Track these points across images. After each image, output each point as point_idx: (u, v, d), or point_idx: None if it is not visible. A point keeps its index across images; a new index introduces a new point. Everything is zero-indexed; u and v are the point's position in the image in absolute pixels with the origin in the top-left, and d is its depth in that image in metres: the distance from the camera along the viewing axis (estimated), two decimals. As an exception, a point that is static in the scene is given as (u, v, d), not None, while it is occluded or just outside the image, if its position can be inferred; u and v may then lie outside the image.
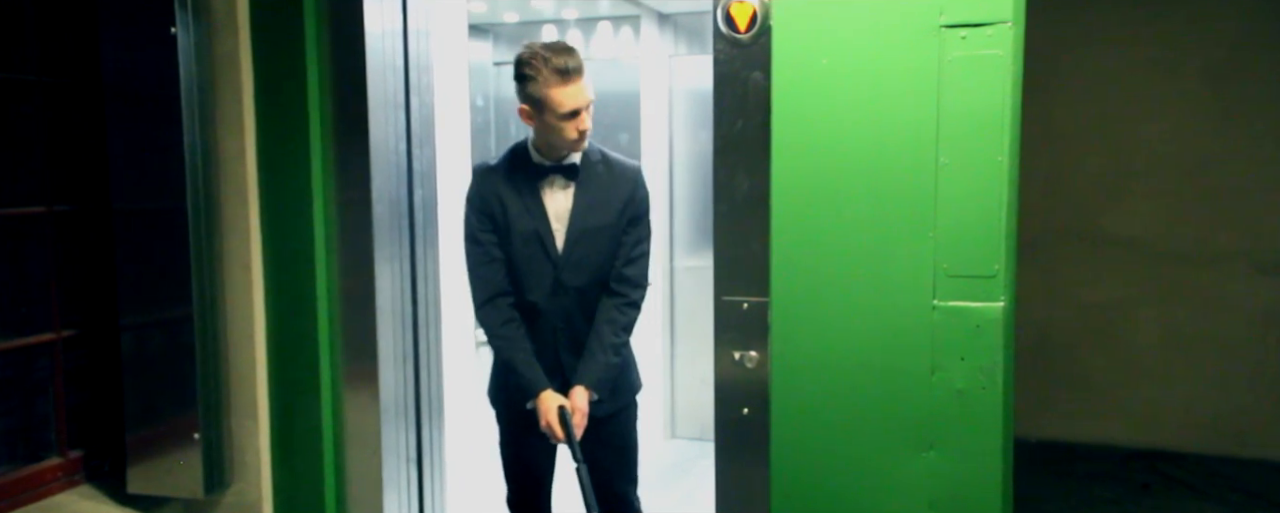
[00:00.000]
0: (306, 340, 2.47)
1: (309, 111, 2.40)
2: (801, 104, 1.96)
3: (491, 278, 2.12)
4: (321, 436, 2.49)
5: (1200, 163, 4.16)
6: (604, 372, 2.12)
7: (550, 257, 2.11)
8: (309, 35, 2.38)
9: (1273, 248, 4.12)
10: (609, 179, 2.13)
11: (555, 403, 2.07)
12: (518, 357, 2.10)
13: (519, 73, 2.01)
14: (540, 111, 2.01)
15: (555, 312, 2.13)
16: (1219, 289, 4.20)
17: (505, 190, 2.10)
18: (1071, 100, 4.20)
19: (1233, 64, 4.07)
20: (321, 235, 2.46)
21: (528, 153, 2.13)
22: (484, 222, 2.12)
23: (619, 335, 2.13)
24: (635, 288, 2.16)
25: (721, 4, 2.00)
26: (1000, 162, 1.86)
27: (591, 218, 2.10)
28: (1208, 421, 4.27)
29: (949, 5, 1.85)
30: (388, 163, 2.48)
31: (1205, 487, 3.91)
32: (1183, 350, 4.28)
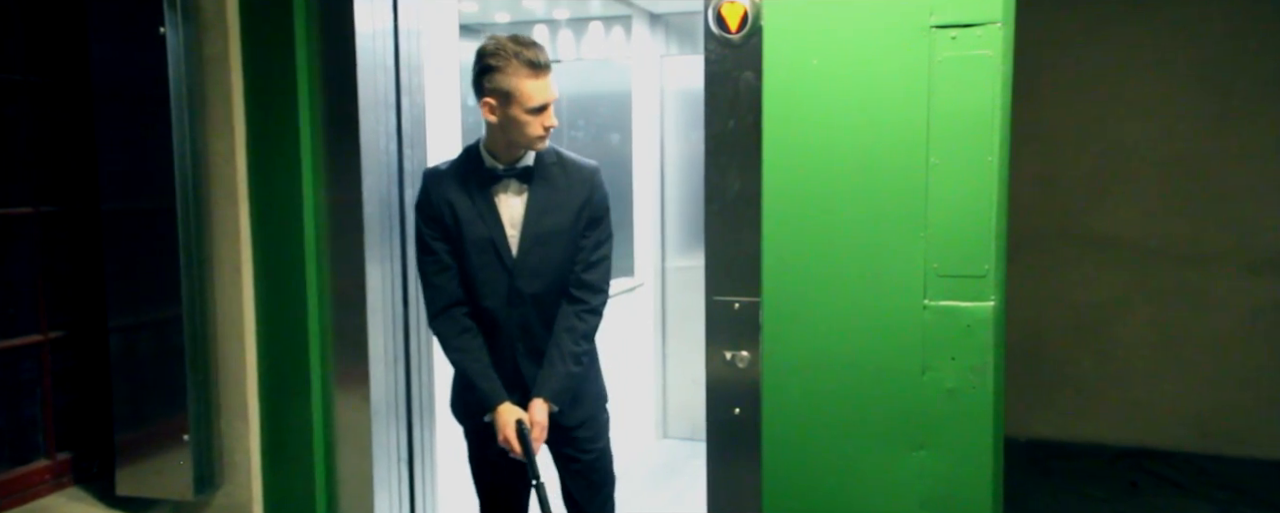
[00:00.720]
0: (297, 341, 2.46)
1: (299, 112, 2.40)
2: (793, 104, 1.97)
3: (444, 287, 2.05)
4: (312, 436, 2.48)
5: (1190, 163, 4.19)
6: (564, 382, 2.05)
7: (504, 263, 2.04)
8: (299, 35, 2.37)
9: (1262, 247, 4.15)
10: (565, 181, 2.06)
11: (513, 417, 2.01)
12: (474, 368, 2.04)
13: (483, 64, 1.94)
14: (505, 104, 1.94)
15: (512, 321, 2.06)
16: (1208, 289, 4.22)
17: (456, 195, 2.03)
18: (1061, 101, 4.22)
19: (1222, 64, 4.10)
20: (312, 236, 2.45)
21: (480, 156, 2.05)
22: (434, 229, 2.05)
23: (579, 344, 2.06)
24: (595, 294, 2.09)
25: (712, 4, 2.00)
26: (990, 161, 1.86)
27: (546, 222, 2.03)
28: (1196, 419, 4.29)
29: (939, 6, 1.86)
30: (378, 163, 2.47)
31: (1193, 485, 3.94)
32: (1171, 350, 4.30)
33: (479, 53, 1.95)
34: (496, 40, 1.94)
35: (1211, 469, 4.08)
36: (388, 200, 2.52)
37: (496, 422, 2.03)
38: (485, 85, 1.95)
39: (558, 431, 2.09)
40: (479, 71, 1.95)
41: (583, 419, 2.14)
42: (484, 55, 1.94)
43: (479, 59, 1.95)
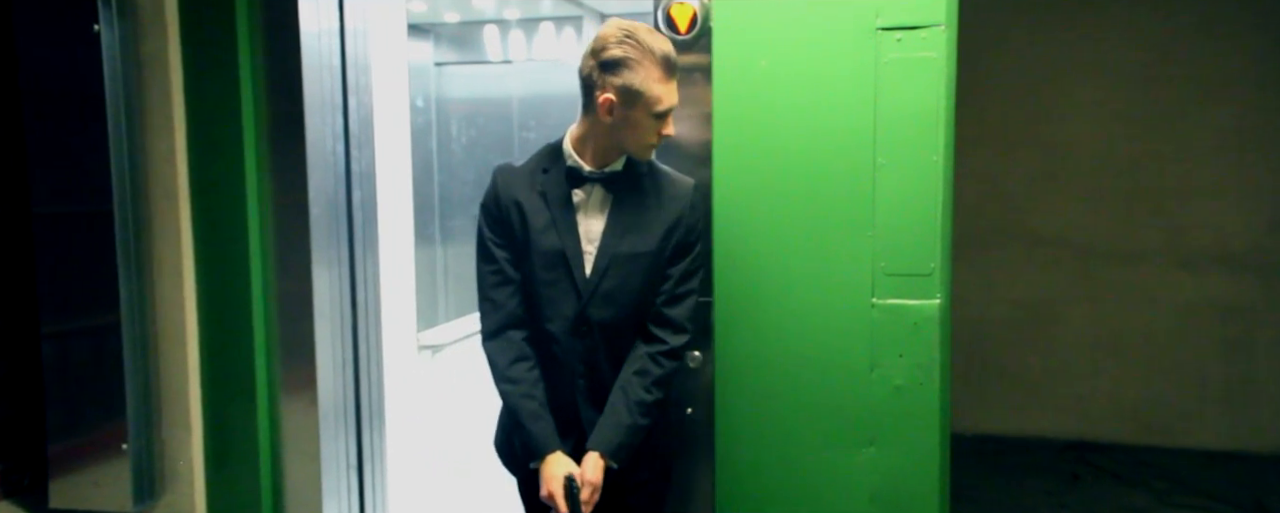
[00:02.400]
0: (241, 346, 2.41)
1: (242, 112, 2.34)
2: (742, 105, 1.98)
3: (504, 304, 1.77)
4: (258, 443, 2.43)
5: (1126, 163, 4.32)
6: (627, 437, 1.74)
7: (575, 284, 1.75)
8: (241, 34, 2.32)
9: (1193, 245, 4.29)
10: (656, 196, 1.77)
11: (562, 470, 1.71)
12: (525, 407, 1.74)
13: (611, 57, 1.66)
14: (629, 105, 1.68)
15: (575, 353, 1.78)
16: (1142, 285, 4.36)
17: (528, 197, 1.76)
18: (1004, 102, 4.32)
19: (1155, 67, 4.24)
20: (257, 238, 2.40)
21: (564, 154, 1.78)
22: (499, 233, 1.78)
23: (651, 392, 1.76)
24: (676, 333, 1.79)
25: (662, 5, 2.01)
26: (935, 162, 1.90)
27: (629, 241, 1.75)
28: (1133, 412, 4.43)
29: (885, 8, 1.89)
30: (325, 164, 2.43)
31: (1132, 476, 4.05)
32: (1109, 345, 4.43)
33: (603, 41, 1.68)
34: (625, 29, 1.68)
35: (1149, 460, 4.21)
36: (335, 202, 2.48)
37: (542, 473, 1.73)
38: (609, 80, 1.67)
39: (609, 491, 1.76)
40: (604, 64, 1.67)
41: (639, 483, 1.83)
42: (611, 46, 1.67)
43: (603, 49, 1.68)
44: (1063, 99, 4.33)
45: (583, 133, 1.77)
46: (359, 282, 2.56)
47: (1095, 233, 4.38)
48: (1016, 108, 4.36)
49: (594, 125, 1.74)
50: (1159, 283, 4.32)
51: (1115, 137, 4.31)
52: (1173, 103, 4.22)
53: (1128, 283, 4.36)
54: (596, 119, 1.72)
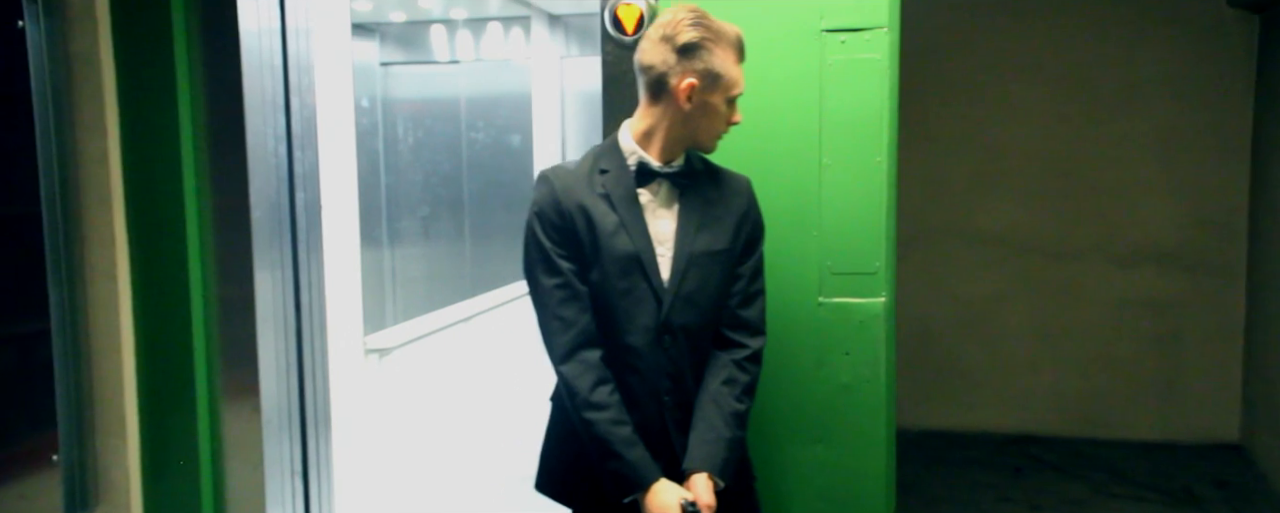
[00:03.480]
0: (180, 352, 2.34)
1: (179, 112, 2.28)
2: (689, 106, 1.98)
3: (575, 321, 1.61)
4: (197, 451, 2.37)
5: (1061, 163, 4.44)
6: (729, 451, 1.63)
7: (654, 289, 1.63)
8: (177, 32, 2.26)
9: (1126, 243, 4.44)
10: (717, 191, 1.70)
11: (675, 497, 1.57)
12: (618, 434, 1.58)
13: (690, 41, 1.58)
14: (709, 89, 1.60)
15: (660, 365, 1.64)
16: (1078, 281, 4.49)
17: (591, 200, 1.62)
18: (946, 104, 4.41)
19: (1088, 69, 4.37)
20: (195, 242, 2.34)
21: (622, 153, 1.67)
22: (562, 242, 1.62)
23: (742, 401, 1.66)
24: (755, 335, 1.71)
25: (609, 6, 2.00)
26: (879, 162, 1.93)
27: (702, 239, 1.65)
28: (1072, 405, 4.56)
29: (829, 10, 1.91)
30: (267, 166, 2.38)
31: (1071, 468, 4.17)
32: (1048, 340, 4.55)
33: (673, 27, 1.59)
34: (695, 13, 1.60)
35: (1087, 452, 4.34)
36: (277, 204, 2.43)
37: (650, 505, 1.57)
38: (690, 65, 1.58)
39: None
40: (683, 48, 1.58)
41: (736, 498, 1.69)
42: (686, 30, 1.58)
43: (676, 34, 1.59)
44: (1002, 101, 4.44)
45: (649, 126, 1.65)
46: (303, 285, 2.51)
47: (1034, 231, 4.50)
48: (958, 109, 4.46)
49: (665, 116, 1.63)
50: (1094, 280, 4.46)
51: (1051, 138, 4.43)
52: (1104, 105, 4.36)
53: (1065, 280, 4.49)
54: (670, 108, 1.62)
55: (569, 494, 1.75)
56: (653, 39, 1.62)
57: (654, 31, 1.62)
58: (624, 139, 1.68)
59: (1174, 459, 4.24)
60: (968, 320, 4.60)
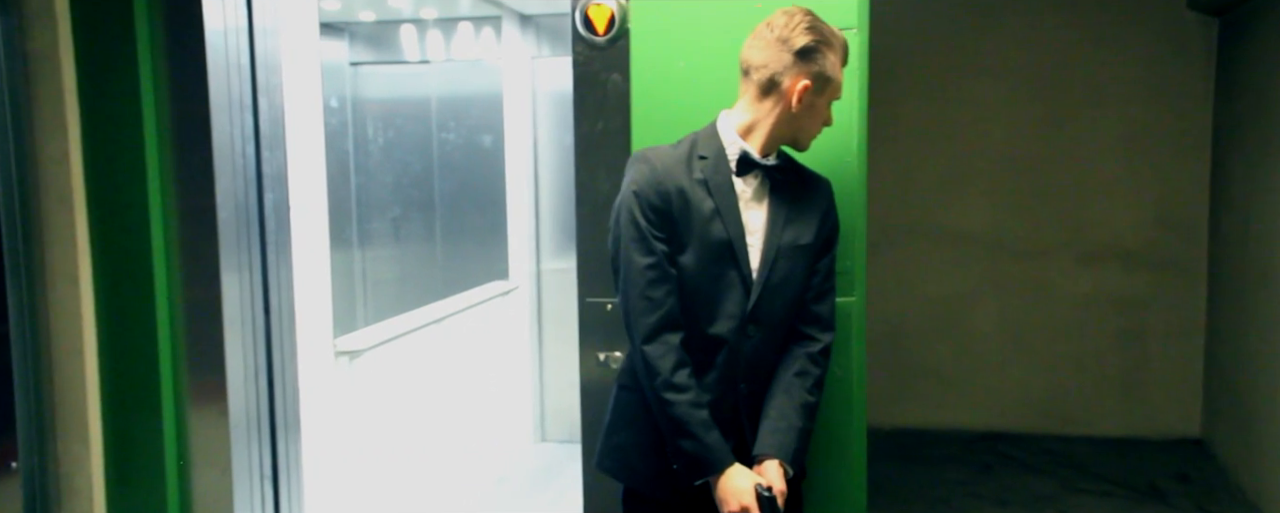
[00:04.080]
0: (144, 356, 2.31)
1: (142, 111, 2.25)
2: (660, 106, 1.99)
3: (663, 302, 1.63)
4: (163, 456, 2.33)
5: (1027, 163, 4.50)
6: (800, 441, 1.67)
7: (743, 277, 1.67)
8: (139, 31, 2.23)
9: (1091, 241, 4.51)
10: (802, 188, 1.74)
11: (749, 482, 1.60)
12: (696, 416, 1.61)
13: (808, 44, 1.63)
14: (819, 91, 1.65)
15: (743, 354, 1.68)
16: (1046, 280, 4.56)
17: (689, 184, 1.65)
18: (915, 105, 4.46)
19: (1053, 71, 4.44)
20: (160, 244, 2.31)
21: (722, 142, 1.70)
22: (659, 223, 1.63)
23: (813, 394, 1.70)
24: (825, 330, 1.75)
25: (579, 6, 2.00)
26: (851, 162, 1.94)
27: (790, 233, 1.69)
28: (1040, 403, 4.62)
29: (798, 12, 1.92)
30: (234, 166, 2.35)
31: (1039, 464, 4.23)
32: (1016, 338, 4.61)
33: (788, 29, 1.64)
34: (809, 17, 1.65)
35: (1054, 449, 4.40)
36: (245, 205, 2.40)
37: (721, 490, 1.61)
38: (807, 66, 1.63)
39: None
40: (801, 51, 1.63)
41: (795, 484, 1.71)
42: (801, 33, 1.63)
43: (791, 36, 1.63)
44: (970, 102, 4.49)
45: (752, 121, 1.69)
46: (271, 287, 2.49)
47: (1002, 230, 4.56)
48: (927, 110, 4.50)
49: (771, 113, 1.67)
50: (1061, 277, 4.53)
51: (1019, 138, 4.49)
52: (1070, 106, 4.43)
53: (1032, 278, 4.55)
54: (778, 107, 1.66)
55: (633, 474, 1.77)
56: (766, 39, 1.66)
57: (767, 31, 1.66)
58: (724, 129, 1.71)
59: (1138, 454, 4.31)
60: (938, 319, 4.65)
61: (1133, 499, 3.81)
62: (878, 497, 3.81)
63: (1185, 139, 4.34)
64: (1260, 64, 3.73)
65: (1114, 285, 4.48)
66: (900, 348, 4.64)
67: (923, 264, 4.62)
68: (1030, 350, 4.60)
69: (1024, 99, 4.46)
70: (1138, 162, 4.40)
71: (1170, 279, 4.43)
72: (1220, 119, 4.24)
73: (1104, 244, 4.48)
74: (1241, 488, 3.83)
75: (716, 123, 1.74)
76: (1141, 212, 4.44)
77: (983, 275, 4.60)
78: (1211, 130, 4.31)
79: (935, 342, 4.67)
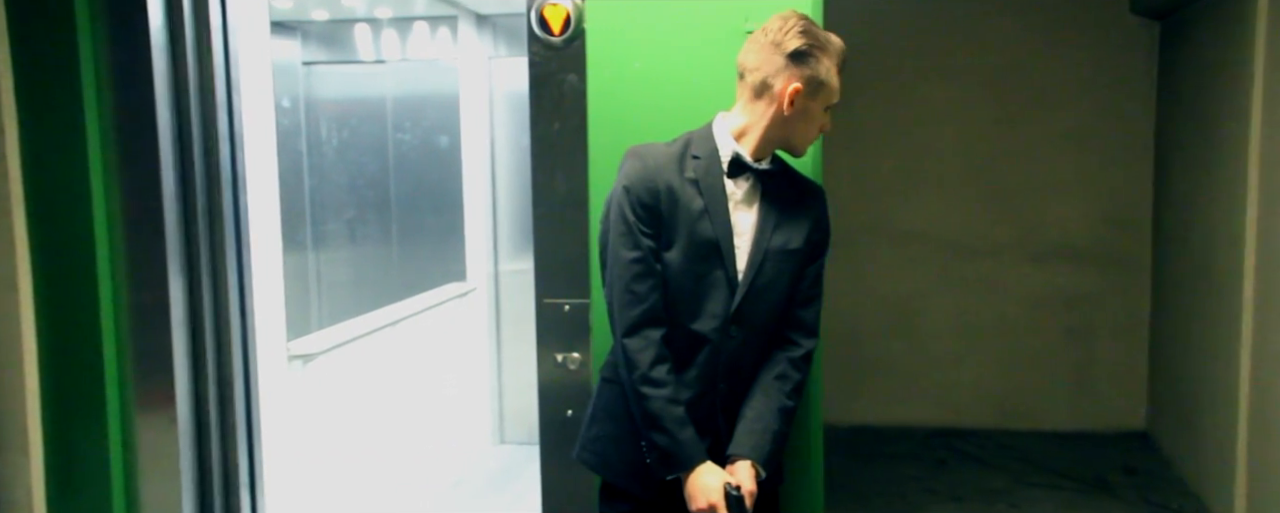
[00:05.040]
0: (89, 362, 2.25)
1: (84, 111, 2.19)
2: (616, 106, 1.99)
3: (647, 297, 1.64)
4: (109, 466, 2.27)
5: (979, 162, 4.59)
6: (775, 444, 1.68)
7: (729, 278, 1.68)
8: (81, 26, 2.16)
9: (1041, 240, 4.60)
10: (793, 193, 1.75)
11: (718, 480, 1.62)
12: (672, 412, 1.62)
13: (800, 48, 1.64)
14: (812, 95, 1.67)
15: (724, 354, 1.69)
16: (998, 277, 4.64)
17: (679, 182, 1.67)
18: (870, 105, 4.51)
19: (1006, 74, 4.52)
20: (104, 247, 2.25)
21: (715, 143, 1.71)
22: (647, 218, 1.65)
23: (792, 399, 1.72)
24: (808, 337, 1.77)
25: (535, 6, 2.00)
26: (806, 163, 1.96)
27: (779, 237, 1.71)
28: (993, 398, 4.71)
29: (752, 12, 1.94)
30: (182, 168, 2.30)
31: (993, 459, 4.31)
32: (969, 335, 4.69)
33: (782, 33, 1.65)
34: (803, 22, 1.67)
35: (1008, 443, 4.48)
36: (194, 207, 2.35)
37: (690, 487, 1.63)
38: (798, 71, 1.65)
39: None
40: (794, 54, 1.64)
41: (760, 498, 1.70)
42: (793, 37, 1.64)
43: (784, 39, 1.65)
44: (923, 103, 4.56)
45: (746, 124, 1.71)
46: (222, 290, 2.44)
47: (954, 229, 4.63)
48: (882, 111, 4.56)
49: (764, 116, 1.69)
50: (1012, 275, 4.61)
51: (971, 138, 4.57)
52: (1020, 107, 4.52)
53: (984, 275, 4.63)
54: (770, 110, 1.68)
55: (609, 467, 1.78)
56: (760, 42, 1.68)
57: (761, 35, 1.68)
58: (719, 131, 1.73)
59: (1086, 448, 4.41)
60: (893, 317, 4.71)
61: (1081, 492, 3.90)
62: (835, 494, 3.85)
63: (1129, 140, 4.46)
64: (1197, 67, 3.84)
65: (1063, 283, 4.58)
66: (856, 346, 4.69)
67: (878, 263, 4.68)
68: (983, 347, 4.68)
69: (976, 100, 4.54)
70: (1085, 161, 4.50)
71: (1116, 277, 4.54)
72: (1162, 120, 4.36)
73: (1054, 242, 4.57)
74: (1183, 479, 3.94)
75: (712, 123, 1.76)
76: (1089, 210, 4.54)
77: (937, 274, 4.67)
78: (1154, 131, 4.43)
79: (891, 340, 4.73)
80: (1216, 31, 3.60)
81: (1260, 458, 3.17)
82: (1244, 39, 3.26)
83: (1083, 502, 3.80)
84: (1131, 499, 3.80)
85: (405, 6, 4.19)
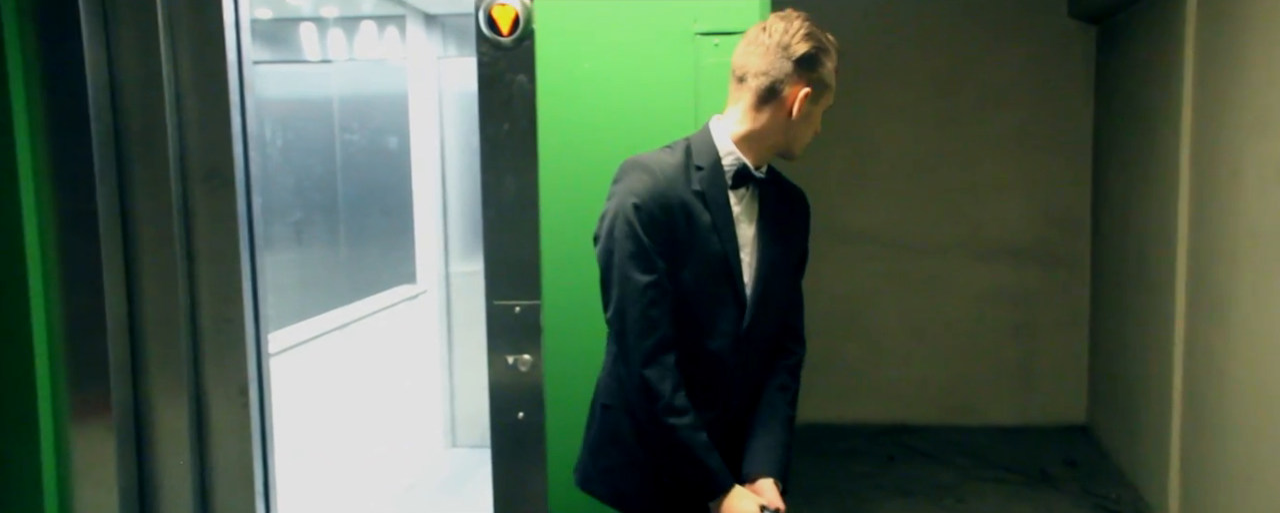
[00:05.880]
0: (19, 370, 2.17)
1: (12, 107, 2.11)
2: (566, 107, 1.99)
3: (660, 323, 1.55)
4: (41, 476, 2.20)
5: (926, 164, 4.67)
6: (787, 455, 1.66)
7: (738, 295, 1.62)
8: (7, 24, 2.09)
9: (985, 238, 4.70)
10: (784, 201, 1.71)
11: (752, 504, 1.57)
12: (699, 439, 1.55)
13: (810, 52, 1.58)
14: (818, 99, 1.62)
15: (737, 372, 1.64)
16: (944, 276, 4.73)
17: (689, 196, 1.57)
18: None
19: (951, 77, 4.61)
20: (35, 250, 2.17)
21: (717, 152, 1.62)
22: (660, 237, 1.55)
23: (792, 407, 1.71)
24: (800, 344, 1.76)
25: (483, 6, 1.98)
26: (753, 163, 1.97)
27: (777, 248, 1.66)
28: (940, 395, 4.80)
29: (701, 14, 1.95)
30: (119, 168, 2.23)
31: (941, 454, 4.39)
32: (917, 333, 4.78)
33: (789, 35, 1.58)
34: (807, 23, 1.61)
35: (954, 439, 4.58)
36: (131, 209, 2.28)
37: (727, 510, 1.58)
38: (808, 74, 1.59)
39: None
40: (804, 58, 1.58)
41: None
42: (801, 39, 1.58)
43: (792, 43, 1.58)
44: (871, 103, 4.63)
45: (749, 131, 1.62)
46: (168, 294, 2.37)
47: (903, 229, 4.71)
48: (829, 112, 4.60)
49: (769, 122, 1.61)
50: (958, 274, 4.71)
51: (918, 139, 4.66)
52: (964, 109, 4.61)
53: (930, 274, 4.72)
54: (776, 116, 1.60)
55: (624, 498, 1.72)
56: (764, 44, 1.59)
57: (764, 38, 1.59)
58: (720, 139, 1.63)
59: (1030, 442, 4.52)
60: (843, 316, 4.78)
61: (1025, 485, 3.99)
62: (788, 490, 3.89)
63: (1069, 140, 4.58)
64: (1132, 69, 3.96)
65: (1007, 281, 4.69)
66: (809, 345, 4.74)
67: (827, 263, 4.73)
68: (930, 345, 4.77)
69: (922, 102, 4.62)
70: (1027, 162, 4.61)
71: (1058, 274, 4.66)
72: (1099, 121, 4.49)
73: (997, 241, 4.68)
74: (1121, 471, 4.06)
75: (710, 130, 1.66)
76: (1031, 210, 4.65)
77: (885, 273, 4.74)
78: (1092, 132, 4.56)
79: (841, 338, 4.79)
80: (1149, 35, 3.71)
81: (1192, 449, 3.28)
82: (1175, 42, 3.37)
83: (1027, 494, 3.89)
84: (1073, 491, 3.91)
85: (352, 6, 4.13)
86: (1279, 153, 2.58)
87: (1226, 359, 2.96)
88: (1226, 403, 2.96)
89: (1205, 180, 3.17)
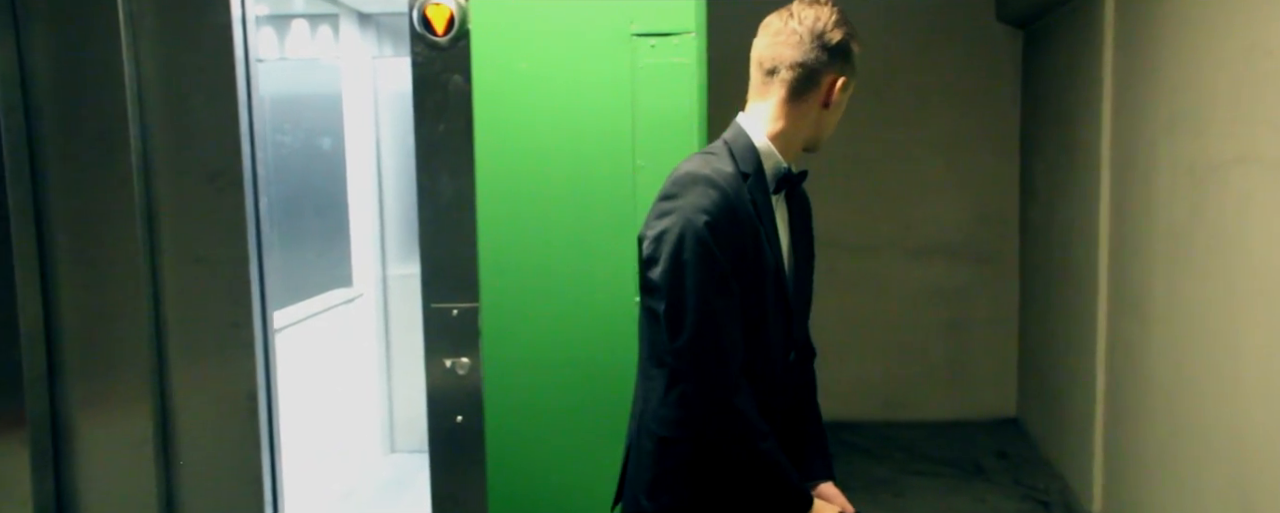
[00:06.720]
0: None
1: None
2: (503, 108, 1.97)
3: (738, 346, 1.44)
4: (-48, 494, 2.10)
5: (863, 164, 4.76)
6: (830, 454, 1.66)
7: (786, 305, 1.55)
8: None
9: (919, 237, 4.81)
10: (803, 200, 1.65)
11: (834, 511, 1.55)
12: (781, 458, 1.47)
13: (843, 40, 1.50)
14: (847, 88, 1.54)
15: (788, 381, 1.59)
16: (879, 274, 4.83)
17: (750, 208, 1.47)
18: (757, 109, 4.61)
19: (885, 79, 4.71)
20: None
21: (759, 154, 1.51)
22: (734, 255, 1.43)
23: (818, 405, 1.70)
24: (810, 342, 1.72)
25: (417, 6, 1.95)
26: (691, 164, 1.99)
27: (805, 247, 1.61)
28: (877, 391, 4.89)
29: (638, 15, 1.96)
30: (34, 171, 2.14)
31: (877, 449, 4.47)
32: (855, 330, 4.86)
33: (821, 22, 1.48)
34: (839, 9, 1.51)
35: (891, 435, 4.67)
36: (46, 212, 2.19)
37: None
38: (844, 62, 1.51)
39: None
40: (838, 47, 1.49)
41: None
42: (834, 27, 1.49)
43: (825, 31, 1.49)
44: (808, 106, 4.69)
45: (785, 126, 1.52)
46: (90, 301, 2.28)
47: (839, 228, 4.79)
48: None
49: (804, 115, 1.52)
50: (893, 272, 4.81)
51: (853, 140, 4.73)
52: (898, 111, 4.71)
53: (867, 272, 4.81)
54: (811, 108, 1.51)
55: None
56: (795, 34, 1.49)
57: (796, 26, 1.50)
58: (758, 139, 1.52)
59: (963, 435, 4.64)
60: (782, 315, 4.83)
61: (960, 478, 4.09)
62: (729, 489, 3.92)
63: (997, 141, 4.71)
64: (1056, 73, 4.09)
65: (939, 278, 4.80)
66: (748, 344, 4.78)
67: (767, 262, 4.79)
68: (867, 342, 4.86)
69: (857, 103, 4.65)
70: (958, 163, 4.73)
71: (988, 272, 4.79)
72: (1026, 122, 4.63)
73: (930, 240, 4.79)
74: (1049, 462, 4.19)
75: (745, 131, 1.54)
76: (962, 209, 4.77)
77: (823, 271, 4.80)
78: (1019, 133, 4.69)
79: (780, 337, 4.84)
80: (1072, 38, 3.84)
81: (1115, 440, 3.40)
82: (1094, 46, 3.49)
83: (961, 487, 3.99)
84: (1004, 483, 4.02)
85: (283, 4, 4.03)
86: (1190, 153, 2.69)
87: (1145, 353, 3.08)
88: (1146, 396, 3.08)
89: (1123, 180, 3.29)
